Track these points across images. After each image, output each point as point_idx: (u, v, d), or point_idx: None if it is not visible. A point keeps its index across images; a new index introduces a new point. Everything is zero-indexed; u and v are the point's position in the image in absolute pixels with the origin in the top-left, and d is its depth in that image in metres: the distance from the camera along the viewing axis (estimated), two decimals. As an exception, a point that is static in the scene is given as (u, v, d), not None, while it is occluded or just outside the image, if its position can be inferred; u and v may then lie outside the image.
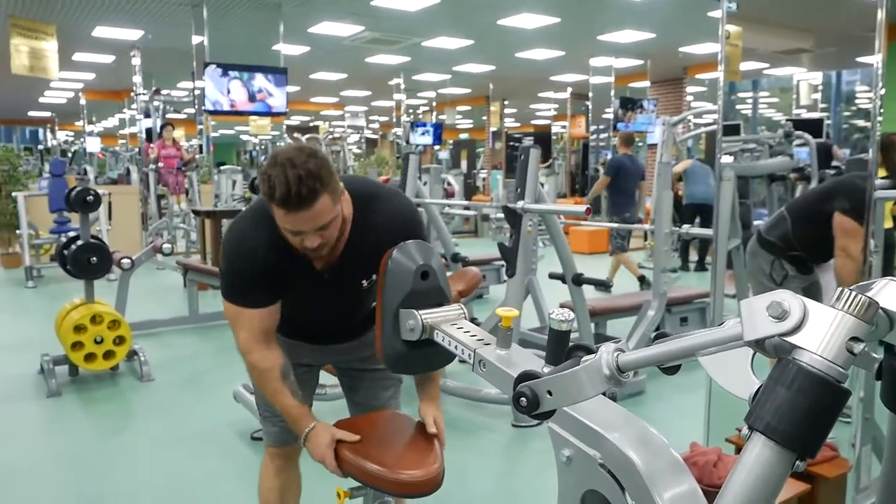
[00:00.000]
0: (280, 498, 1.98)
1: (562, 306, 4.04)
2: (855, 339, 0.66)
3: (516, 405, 0.96)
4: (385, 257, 1.52)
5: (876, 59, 2.09)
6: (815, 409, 0.66)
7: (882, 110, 2.13)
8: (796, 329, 0.68)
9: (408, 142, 13.83)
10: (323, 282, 1.69)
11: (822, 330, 0.67)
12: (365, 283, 1.72)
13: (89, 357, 4.03)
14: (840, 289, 0.68)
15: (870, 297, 0.67)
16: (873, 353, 0.78)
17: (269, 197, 1.48)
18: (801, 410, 0.66)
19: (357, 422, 1.80)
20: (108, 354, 4.09)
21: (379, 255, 1.54)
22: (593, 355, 0.90)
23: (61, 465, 3.08)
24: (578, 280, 3.80)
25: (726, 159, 3.34)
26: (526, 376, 0.96)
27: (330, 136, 15.54)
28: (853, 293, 0.67)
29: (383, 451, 1.61)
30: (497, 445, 3.36)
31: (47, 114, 19.81)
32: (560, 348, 1.04)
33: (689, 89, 13.89)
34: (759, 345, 0.72)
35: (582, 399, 0.91)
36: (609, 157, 13.89)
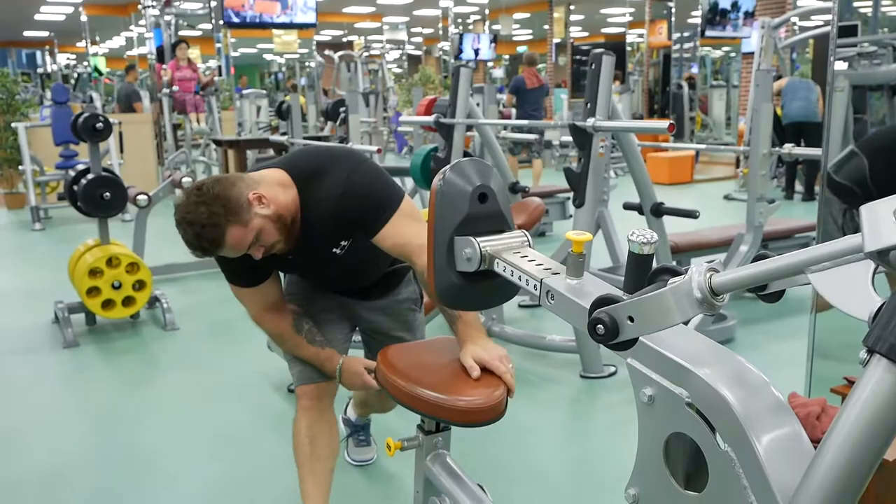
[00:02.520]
0: (311, 443, 2.09)
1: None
2: None
3: (592, 333, 0.97)
4: (435, 180, 1.53)
5: None
6: (949, 327, 0.65)
7: None
8: (929, 236, 0.67)
9: (456, 57, 13.66)
10: (295, 261, 2.01)
11: (959, 236, 0.66)
12: (337, 250, 1.96)
13: (107, 304, 4.18)
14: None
15: None
16: None
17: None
18: (932, 329, 0.65)
19: (407, 348, 1.84)
20: (128, 301, 4.24)
21: (337, 226, 1.90)
22: (681, 277, 0.90)
23: (82, 421, 3.24)
24: (658, 210, 3.76)
25: (840, 66, 3.22)
26: (604, 301, 0.97)
27: (366, 53, 15.46)
28: None
29: (438, 377, 1.65)
30: (563, 399, 3.41)
31: (45, 33, 20.12)
32: (641, 274, 1.04)
33: (794, -15, 13.31)
34: (882, 257, 0.71)
35: (668, 325, 0.91)
36: (695, 69, 13.55)
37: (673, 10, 13.16)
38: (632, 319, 0.93)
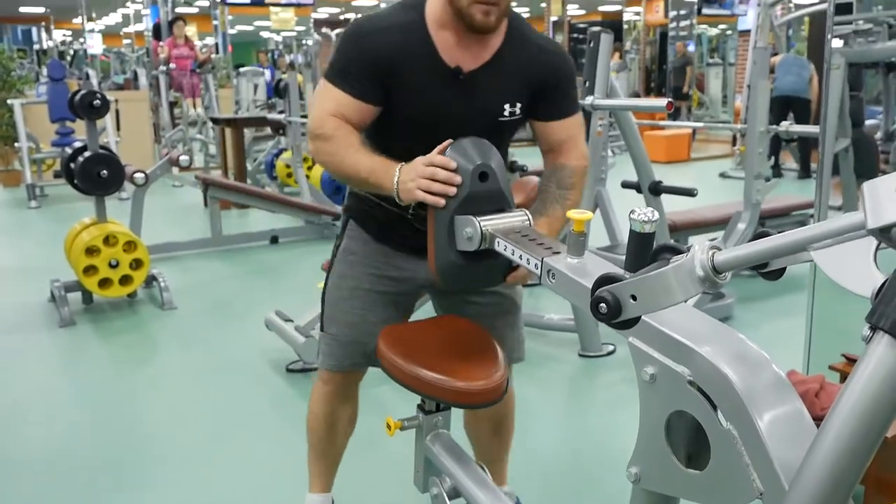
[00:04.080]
0: (330, 429, 1.99)
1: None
2: None
3: (595, 312, 0.97)
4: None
5: None
6: (954, 304, 0.65)
7: None
8: (933, 212, 0.67)
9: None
10: (456, 88, 1.65)
11: (964, 212, 0.66)
12: (508, 109, 1.69)
13: (104, 283, 4.17)
14: None
15: None
16: None
17: None
18: (936, 306, 0.65)
19: (408, 327, 1.84)
20: (125, 280, 4.23)
21: (528, 81, 1.67)
22: (683, 255, 0.90)
23: (79, 401, 3.24)
24: (657, 189, 3.76)
25: (836, 43, 3.20)
26: (606, 279, 0.96)
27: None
28: None
29: (439, 358, 1.66)
30: (562, 377, 3.42)
31: (40, 10, 19.93)
32: (643, 253, 1.04)
33: (792, -38, 13.22)
34: (884, 234, 0.71)
35: (671, 304, 0.91)
36: (692, 47, 13.49)
37: (671, -12, 13.09)
38: (634, 298, 0.93)
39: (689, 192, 3.72)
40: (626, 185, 4.02)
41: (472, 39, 1.64)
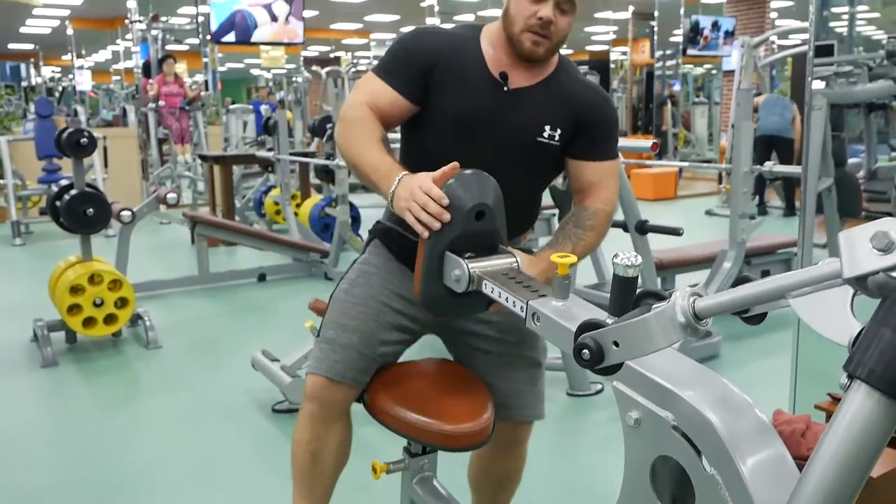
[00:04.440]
0: (314, 458, 1.78)
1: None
2: (975, 273, 0.66)
3: (578, 358, 0.98)
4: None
5: None
6: (927, 353, 0.66)
7: None
8: (905, 263, 0.68)
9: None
10: (499, 98, 1.67)
11: (936, 263, 0.67)
12: (548, 131, 1.69)
13: (88, 322, 4.14)
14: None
15: None
16: None
17: None
18: (911, 355, 0.66)
19: (394, 369, 1.84)
20: (110, 319, 4.20)
21: (572, 112, 1.69)
22: (665, 302, 0.91)
23: (61, 443, 3.19)
24: (643, 228, 3.78)
25: (817, 85, 3.26)
26: (589, 325, 0.97)
27: (353, 69, 15.48)
28: (975, 220, 0.66)
29: (425, 400, 1.65)
30: (550, 416, 3.34)
31: (30, 46, 20.04)
32: (626, 297, 1.05)
33: (774, 4, 13.48)
34: (860, 283, 0.72)
35: (653, 350, 0.92)
36: (677, 87, 13.68)
37: (655, 29, 13.28)
38: (617, 344, 0.94)
39: (675, 232, 3.74)
40: (613, 224, 4.04)
41: (521, 65, 1.68)
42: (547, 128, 1.68)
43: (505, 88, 1.67)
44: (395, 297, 1.75)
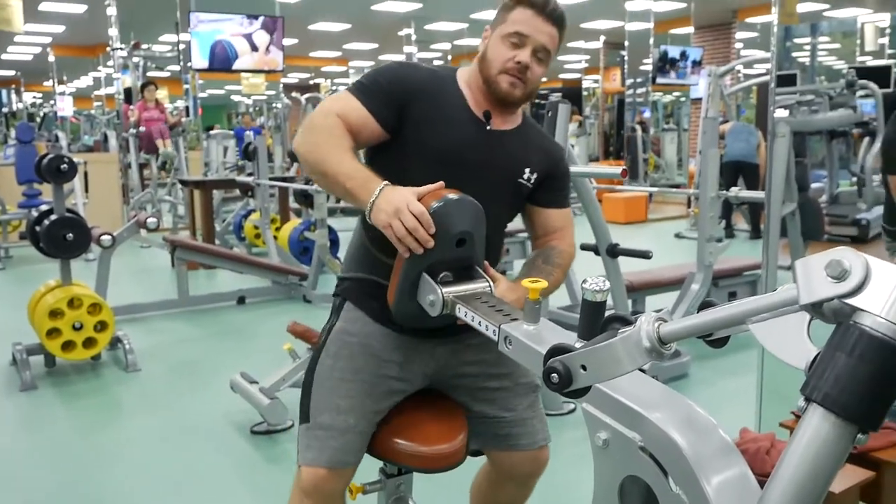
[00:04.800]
0: None
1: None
2: (923, 299, 0.68)
3: (547, 382, 0.98)
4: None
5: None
6: (879, 376, 0.68)
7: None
8: (858, 290, 0.70)
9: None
10: (482, 135, 1.67)
11: (886, 290, 0.68)
12: (527, 173, 1.70)
13: (67, 345, 4.09)
14: (907, 245, 0.69)
15: (940, 253, 0.68)
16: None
17: (521, 1, 1.63)
18: (863, 379, 0.68)
19: None
20: (89, 342, 4.15)
21: (541, 161, 1.71)
22: (631, 326, 0.92)
23: (39, 467, 3.13)
24: (614, 251, 3.81)
25: (780, 113, 3.32)
26: (557, 350, 0.98)
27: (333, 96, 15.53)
28: (922, 249, 0.68)
29: (402, 423, 1.66)
30: (523, 437, 3.40)
31: (11, 72, 19.88)
32: (594, 321, 1.06)
33: (739, 35, 13.73)
34: (816, 309, 0.74)
35: (619, 374, 0.93)
36: (647, 114, 13.84)
37: (626, 58, 13.46)
38: (584, 368, 0.95)
39: (645, 255, 3.77)
40: (584, 247, 4.07)
41: (497, 109, 1.69)
42: (526, 170, 1.70)
43: (488, 127, 1.67)
44: (384, 363, 1.65)
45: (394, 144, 1.65)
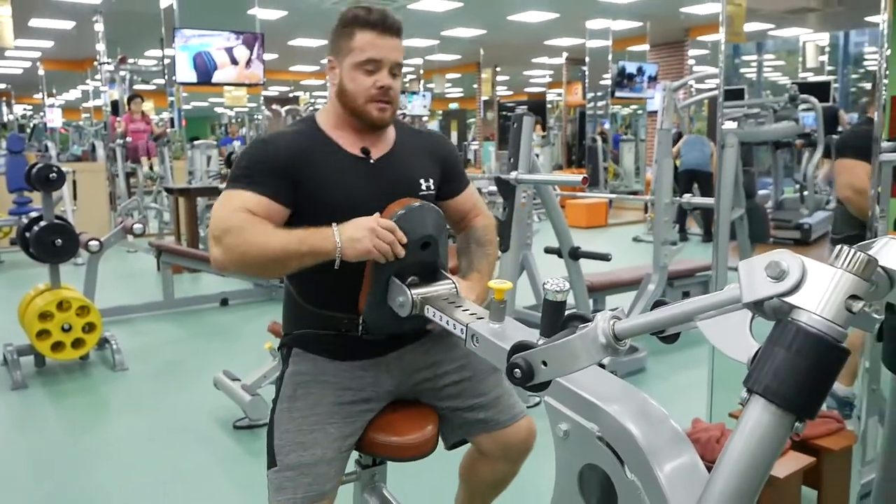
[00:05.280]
0: None
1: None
2: (854, 297, 0.69)
3: (510, 377, 0.99)
4: (387, 211, 1.52)
5: (882, 19, 2.12)
6: (814, 369, 0.69)
7: (888, 72, 2.16)
8: (795, 289, 0.71)
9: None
10: (369, 172, 1.61)
11: (820, 289, 0.70)
12: (424, 184, 1.66)
13: (57, 346, 4.03)
14: (839, 246, 0.70)
15: (869, 255, 0.69)
16: (874, 313, 0.80)
17: (359, 22, 1.57)
18: (800, 371, 0.69)
19: None
20: (77, 343, 4.09)
21: (434, 159, 1.70)
22: (589, 324, 0.93)
23: (29, 464, 3.08)
24: (575, 254, 3.83)
25: (729, 125, 3.37)
26: (520, 347, 0.99)
27: (311, 108, 15.46)
28: (852, 251, 0.69)
29: (374, 420, 1.65)
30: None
31: (2, 85, 19.57)
32: (555, 320, 1.06)
33: (692, 52, 13.89)
34: (757, 307, 0.75)
35: (577, 368, 0.93)
36: (607, 125, 13.95)
37: (587, 73, 13.57)
38: (545, 363, 0.95)
39: (604, 257, 3.81)
40: (548, 250, 4.10)
41: (371, 137, 1.64)
42: (422, 181, 1.67)
43: (371, 161, 1.63)
44: (342, 391, 1.60)
45: (299, 216, 1.55)
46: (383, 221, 1.45)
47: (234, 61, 7.81)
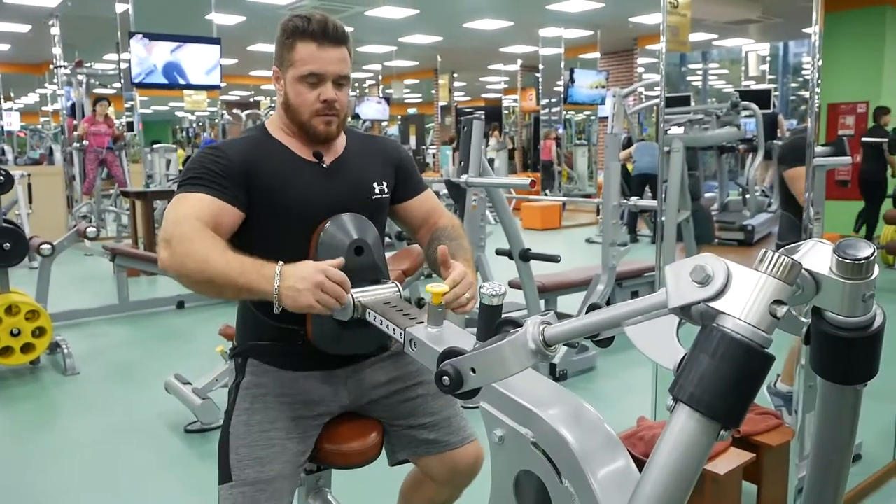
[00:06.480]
0: None
1: (511, 284, 3.99)
2: (778, 302, 0.66)
3: (438, 384, 0.95)
4: (317, 231, 1.49)
5: (813, 30, 2.15)
6: (739, 376, 0.66)
7: (820, 81, 2.18)
8: (720, 294, 0.68)
9: (355, 117, 13.67)
10: (322, 176, 1.55)
11: (745, 294, 0.67)
12: (377, 187, 1.60)
13: (5, 351, 3.88)
14: (763, 251, 0.67)
15: (793, 259, 0.66)
16: (801, 317, 0.78)
17: (298, 33, 1.47)
18: (725, 378, 0.66)
19: None
20: (27, 347, 3.94)
21: (388, 162, 1.65)
22: (519, 329, 0.89)
23: (-24, 467, 2.95)
24: (525, 255, 3.81)
25: (675, 130, 3.38)
26: (449, 353, 0.94)
27: (272, 112, 15.27)
28: (776, 255, 0.66)
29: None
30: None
31: (-41, 90, 18.98)
32: (491, 323, 1.03)
33: (641, 60, 14.05)
34: (684, 312, 0.72)
35: (507, 375, 0.89)
36: (561, 130, 14.04)
37: (540, 80, 13.63)
38: (474, 371, 0.91)
39: (554, 259, 3.79)
40: (499, 252, 4.07)
41: (322, 145, 1.58)
42: (375, 185, 1.61)
43: (324, 166, 1.56)
44: (299, 405, 1.53)
45: (252, 221, 1.49)
46: (334, 273, 1.30)
47: (193, 66, 7.68)
